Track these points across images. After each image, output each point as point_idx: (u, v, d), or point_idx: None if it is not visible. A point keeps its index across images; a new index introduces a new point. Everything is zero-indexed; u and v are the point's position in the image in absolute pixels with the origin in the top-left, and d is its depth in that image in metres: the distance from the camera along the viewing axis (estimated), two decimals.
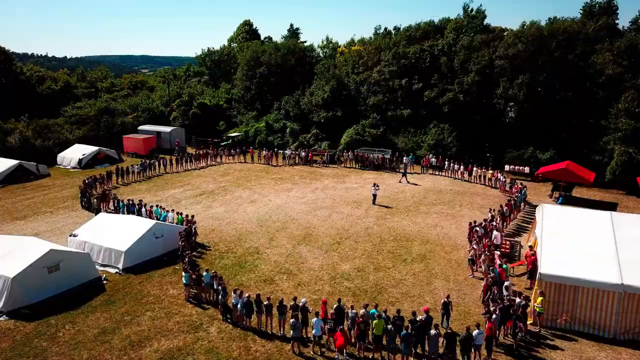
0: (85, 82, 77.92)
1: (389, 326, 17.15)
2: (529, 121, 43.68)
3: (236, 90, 68.33)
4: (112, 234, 26.14)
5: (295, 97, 60.66)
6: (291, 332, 17.68)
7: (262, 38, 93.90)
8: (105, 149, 54.97)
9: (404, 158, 46.19)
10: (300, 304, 18.41)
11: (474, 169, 42.17)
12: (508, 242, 27.10)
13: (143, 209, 31.93)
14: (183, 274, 21.74)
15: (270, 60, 64.64)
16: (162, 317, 20.30)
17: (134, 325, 19.72)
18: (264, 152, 52.29)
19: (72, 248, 25.31)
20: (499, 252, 24.32)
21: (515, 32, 44.92)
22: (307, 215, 34.03)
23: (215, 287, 21.23)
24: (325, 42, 70.09)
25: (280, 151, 53.03)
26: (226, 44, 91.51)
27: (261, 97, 65.51)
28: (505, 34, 50.29)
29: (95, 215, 34.11)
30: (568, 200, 35.67)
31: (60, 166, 53.03)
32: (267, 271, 24.90)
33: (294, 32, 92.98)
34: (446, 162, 44.64)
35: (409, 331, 16.92)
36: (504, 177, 39.12)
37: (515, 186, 36.78)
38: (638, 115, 36.88)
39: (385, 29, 75.08)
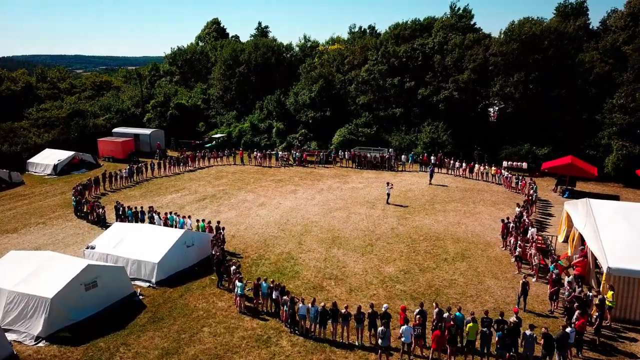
0: (46, 82, 72.81)
1: (485, 329, 16.64)
2: (525, 118, 44.66)
3: (214, 90, 65.99)
4: (138, 245, 24.22)
5: (277, 97, 59.32)
6: (379, 341, 16.79)
7: (229, 37, 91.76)
8: (80, 153, 51.62)
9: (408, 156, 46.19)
10: (383, 310, 17.55)
11: (476, 166, 42.58)
12: (541, 237, 27.35)
13: (156, 216, 29.88)
14: (238, 283, 20.27)
15: (251, 59, 62.88)
16: (224, 333, 18.83)
17: (196, 343, 18.16)
18: (255, 153, 50.69)
19: (106, 262, 23.16)
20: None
21: (507, 31, 45.84)
22: (324, 217, 33.07)
23: (274, 297, 19.95)
24: (303, 41, 69.04)
25: (272, 152, 51.62)
26: (193, 42, 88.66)
27: (241, 97, 63.60)
28: (491, 35, 51.30)
29: (100, 224, 31.90)
30: (573, 194, 36.68)
31: (33, 173, 49.29)
32: (312, 277, 23.81)
33: (262, 31, 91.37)
34: (445, 160, 44.91)
35: (504, 333, 16.47)
36: (510, 174, 39.72)
37: (523, 182, 37.44)
38: (632, 110, 38.45)
39: (360, 27, 75.28)
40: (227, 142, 57.46)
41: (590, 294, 19.19)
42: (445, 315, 17.64)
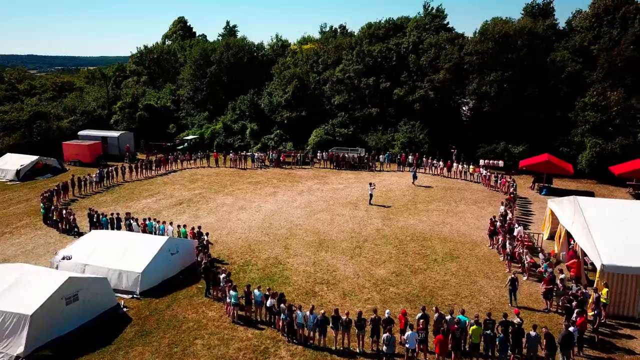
0: (4, 83, 69.26)
1: (488, 331, 16.42)
2: (501, 117, 45.24)
3: (183, 91, 64.30)
4: (119, 254, 22.95)
5: (251, 97, 58.29)
6: (384, 347, 16.33)
7: (197, 36, 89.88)
8: (45, 157, 49.18)
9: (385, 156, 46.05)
10: (385, 316, 17.11)
11: (455, 165, 42.82)
12: (527, 236, 27.54)
13: (134, 223, 28.55)
14: (232, 292, 19.39)
15: (222, 59, 61.54)
16: (218, 345, 17.96)
17: (190, 357, 17.23)
18: (230, 155, 49.50)
19: (83, 273, 21.79)
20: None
21: (482, 30, 46.36)
22: (308, 219, 32.44)
23: (268, 305, 19.19)
24: (275, 40, 68.06)
25: (247, 154, 50.56)
26: (159, 41, 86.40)
27: (213, 97, 62.19)
28: (464, 34, 51.81)
29: (72, 233, 30.28)
30: (551, 191, 37.33)
31: None
32: (303, 282, 23.16)
33: (231, 30, 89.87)
34: (423, 159, 45.03)
35: (506, 335, 16.28)
36: (488, 172, 40.09)
37: (503, 180, 37.84)
38: (604, 108, 39.46)
39: (331, 27, 74.90)
40: (200, 143, 56.02)
41: (587, 291, 19.30)
42: (448, 317, 17.37)
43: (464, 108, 53.89)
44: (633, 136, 38.34)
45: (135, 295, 21.72)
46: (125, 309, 20.64)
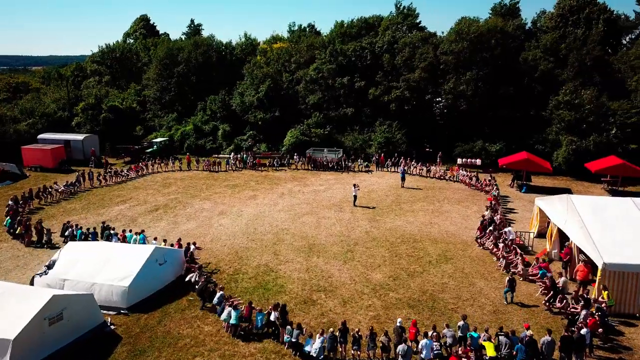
0: None
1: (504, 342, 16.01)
2: (477, 116, 45.60)
3: (149, 91, 61.89)
4: (101, 267, 21.40)
5: (222, 97, 56.72)
6: (400, 359, 15.66)
7: (160, 34, 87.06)
8: (3, 163, 46.13)
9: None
10: (397, 324, 16.46)
11: (433, 167, 42.85)
12: (518, 237, 27.54)
13: (114, 235, 26.85)
14: (233, 313, 18.17)
15: (190, 58, 59.59)
16: None
17: None
18: (204, 157, 47.82)
19: (63, 289, 20.13)
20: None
21: (457, 30, 46.57)
22: (293, 223, 31.51)
23: (272, 319, 18.14)
24: (244, 39, 66.44)
25: (221, 156, 49.04)
26: (120, 39, 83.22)
27: (181, 98, 60.14)
28: (436, 33, 52.02)
29: (43, 245, 28.21)
30: (530, 189, 37.80)
31: None
32: (299, 291, 22.25)
33: (195, 29, 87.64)
34: (402, 159, 44.82)
35: (523, 343, 15.95)
36: (468, 172, 40.24)
37: (484, 179, 38.01)
38: (577, 106, 40.31)
39: (300, 26, 74.03)
40: (170, 146, 54.03)
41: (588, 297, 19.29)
42: (450, 332, 16.88)
43: (436, 107, 54.08)
44: (606, 133, 39.28)
45: (122, 311, 20.25)
46: (112, 327, 19.17)
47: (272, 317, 18.07)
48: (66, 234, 28.13)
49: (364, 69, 51.07)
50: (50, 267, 21.81)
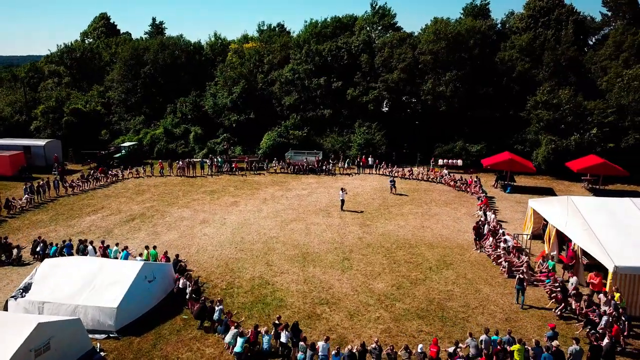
0: None
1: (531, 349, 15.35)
2: (456, 116, 45.47)
3: (114, 93, 58.93)
4: (85, 286, 19.49)
5: (193, 99, 54.60)
6: None
7: (121, 33, 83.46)
8: None
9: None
10: (419, 351, 15.53)
11: (415, 169, 42.41)
12: (516, 241, 27.18)
13: (90, 247, 24.78)
14: (239, 340, 16.69)
15: (157, 59, 57.06)
16: None
17: None
18: (178, 162, 45.66)
19: (42, 313, 18.13)
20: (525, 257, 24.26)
21: (435, 30, 46.27)
22: (282, 231, 30.16)
23: (284, 340, 16.82)
24: (214, 39, 64.20)
25: (195, 160, 47.00)
26: (79, 38, 79.21)
27: (149, 100, 57.52)
28: (413, 33, 51.63)
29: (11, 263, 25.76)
30: (515, 189, 37.83)
31: None
32: (300, 304, 20.99)
33: (158, 27, 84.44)
34: (382, 164, 44.16)
35: (550, 352, 15.31)
36: (452, 175, 39.96)
37: (470, 180, 37.76)
38: (555, 106, 40.71)
39: (270, 25, 72.34)
40: (139, 150, 51.47)
41: (603, 297, 18.94)
42: (483, 337, 16.11)
43: (416, 107, 53.51)
44: (586, 132, 39.78)
45: (112, 335, 18.45)
46: (102, 353, 17.36)
47: (282, 339, 16.72)
48: (37, 249, 25.81)
49: (341, 69, 50.15)
50: (26, 289, 19.67)
